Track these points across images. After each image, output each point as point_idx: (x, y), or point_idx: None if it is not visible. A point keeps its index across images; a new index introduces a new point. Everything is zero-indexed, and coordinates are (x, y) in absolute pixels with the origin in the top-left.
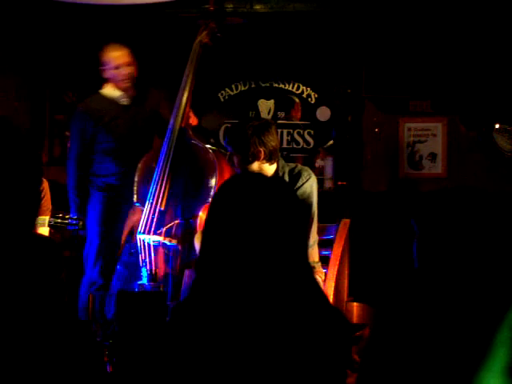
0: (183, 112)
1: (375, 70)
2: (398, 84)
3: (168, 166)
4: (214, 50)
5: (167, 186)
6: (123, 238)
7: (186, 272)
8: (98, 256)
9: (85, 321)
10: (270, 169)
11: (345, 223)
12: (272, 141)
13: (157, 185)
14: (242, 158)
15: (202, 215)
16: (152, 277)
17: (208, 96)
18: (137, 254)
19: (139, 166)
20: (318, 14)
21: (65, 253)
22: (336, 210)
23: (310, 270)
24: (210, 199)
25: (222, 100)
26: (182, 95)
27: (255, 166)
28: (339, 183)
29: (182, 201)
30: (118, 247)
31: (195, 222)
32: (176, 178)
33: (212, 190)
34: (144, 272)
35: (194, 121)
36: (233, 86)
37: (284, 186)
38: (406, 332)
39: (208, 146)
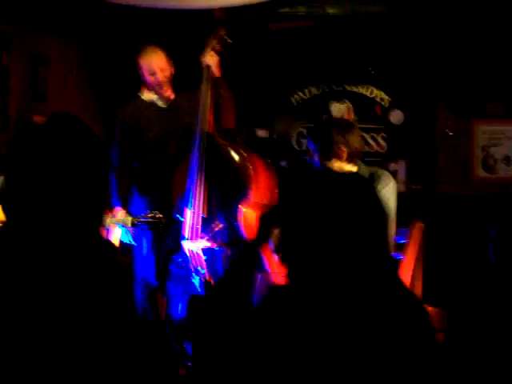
0: (207, 118)
1: (449, 72)
2: (471, 87)
3: (202, 171)
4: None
5: (205, 192)
6: None
7: (258, 276)
8: (150, 258)
9: (158, 323)
10: (350, 171)
11: (419, 227)
12: (355, 142)
13: (195, 192)
14: (324, 156)
15: (245, 211)
16: (205, 284)
17: (280, 100)
18: (186, 265)
19: (173, 180)
20: (389, 16)
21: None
22: (409, 213)
23: (396, 265)
24: (289, 195)
25: (295, 104)
26: (204, 102)
27: (336, 165)
28: (412, 186)
29: (222, 204)
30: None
31: (239, 224)
32: (212, 182)
33: (249, 189)
34: (196, 280)
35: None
36: (305, 90)
37: (368, 185)
38: (481, 337)
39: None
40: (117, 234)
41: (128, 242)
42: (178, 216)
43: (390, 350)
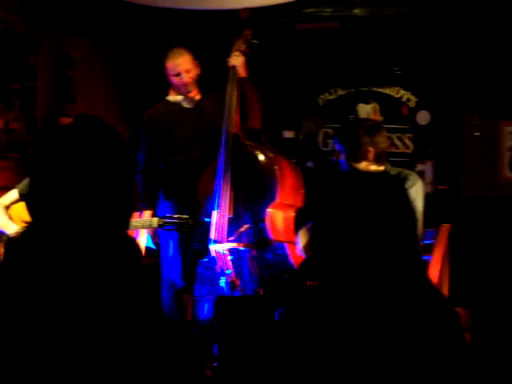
0: (233, 118)
1: (476, 73)
2: (498, 88)
3: (228, 172)
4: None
5: (231, 193)
6: None
7: (286, 277)
8: (176, 259)
9: (185, 324)
10: (377, 170)
11: (446, 228)
12: (382, 143)
13: (220, 193)
14: (351, 156)
15: (271, 211)
16: (232, 285)
17: (306, 100)
18: (212, 266)
19: (199, 181)
20: (416, 16)
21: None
22: (435, 214)
23: (424, 266)
24: (317, 195)
25: (321, 104)
26: (230, 103)
27: (362, 166)
28: (439, 187)
29: (248, 205)
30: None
31: (265, 225)
32: (238, 183)
33: (274, 190)
34: (222, 282)
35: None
36: (332, 91)
37: (397, 183)
38: (507, 337)
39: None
40: (143, 237)
41: (152, 247)
42: (204, 217)
43: (420, 352)
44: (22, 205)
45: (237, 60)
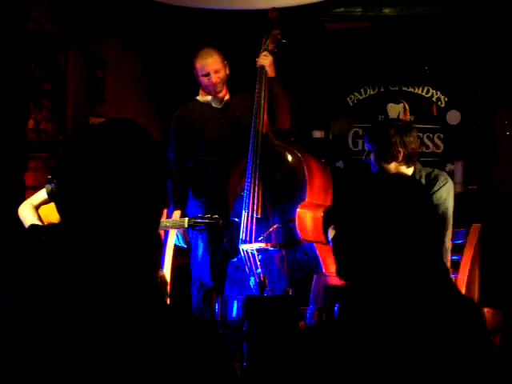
0: (262, 118)
1: (506, 72)
2: None
3: (257, 172)
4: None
5: (260, 193)
6: None
7: (314, 277)
8: (205, 259)
9: (214, 323)
10: (406, 172)
11: (476, 228)
12: (412, 143)
13: (250, 193)
14: (381, 157)
15: (300, 211)
16: (261, 285)
17: (337, 100)
18: (242, 266)
19: (229, 181)
20: (446, 16)
21: None
22: (466, 214)
23: (447, 271)
24: (347, 197)
25: (351, 104)
26: (259, 103)
27: (392, 166)
28: (469, 187)
29: (277, 205)
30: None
31: (294, 225)
32: (267, 183)
33: (303, 190)
34: (252, 282)
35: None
36: (362, 90)
37: (421, 188)
38: None
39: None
40: (173, 236)
41: (180, 245)
42: (233, 217)
43: (443, 355)
44: (51, 206)
45: (265, 60)
